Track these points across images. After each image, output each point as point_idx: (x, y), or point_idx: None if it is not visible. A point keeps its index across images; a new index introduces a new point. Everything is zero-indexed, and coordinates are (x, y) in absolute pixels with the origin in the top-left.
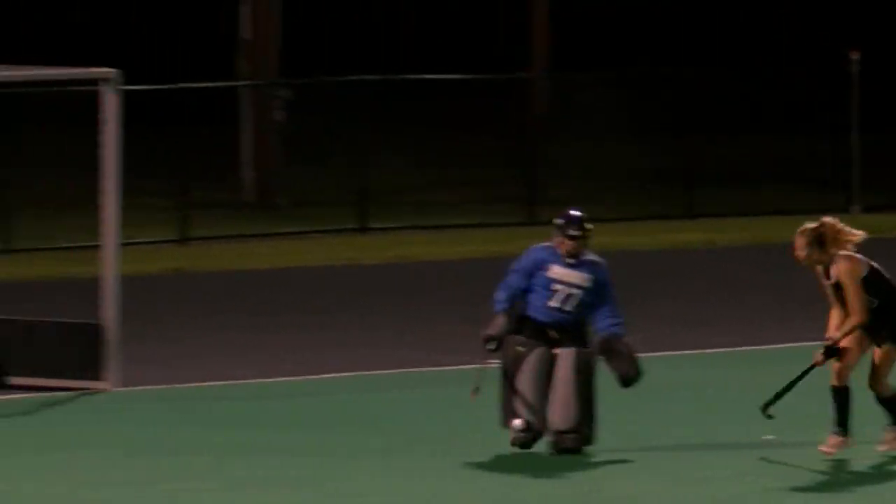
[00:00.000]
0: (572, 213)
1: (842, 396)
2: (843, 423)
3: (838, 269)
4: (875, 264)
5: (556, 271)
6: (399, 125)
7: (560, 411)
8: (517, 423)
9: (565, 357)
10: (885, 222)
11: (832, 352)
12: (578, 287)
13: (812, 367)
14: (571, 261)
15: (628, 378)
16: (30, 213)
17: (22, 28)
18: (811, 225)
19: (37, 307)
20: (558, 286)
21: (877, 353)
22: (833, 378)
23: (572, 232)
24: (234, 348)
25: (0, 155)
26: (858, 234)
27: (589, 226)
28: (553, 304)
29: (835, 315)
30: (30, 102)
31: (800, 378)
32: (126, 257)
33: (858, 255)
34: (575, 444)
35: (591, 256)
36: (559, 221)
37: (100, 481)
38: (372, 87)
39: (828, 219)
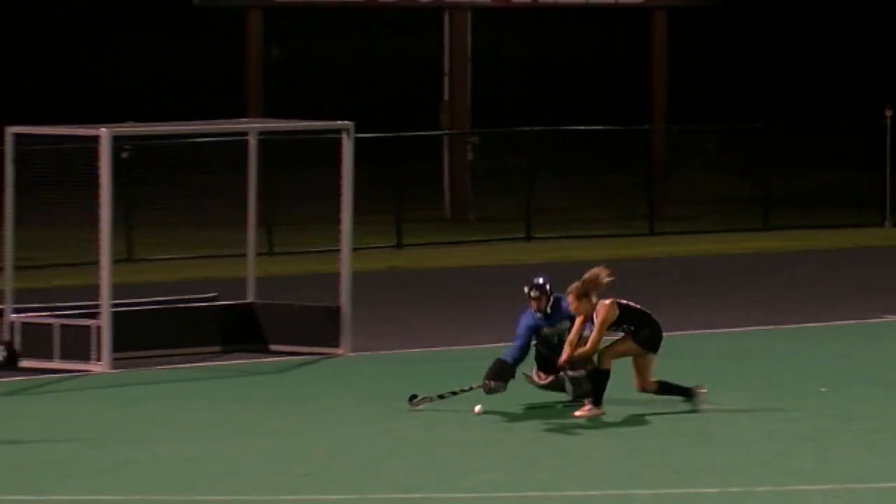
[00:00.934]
0: (533, 280)
1: (602, 377)
2: (598, 398)
3: (597, 312)
4: (622, 301)
5: (545, 331)
6: (556, 162)
7: None
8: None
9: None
10: None
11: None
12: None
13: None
14: (546, 315)
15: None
16: (288, 227)
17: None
18: (576, 283)
19: (294, 295)
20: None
21: (637, 361)
22: (600, 363)
23: (533, 294)
24: (433, 325)
25: (268, 184)
26: (608, 279)
27: (540, 291)
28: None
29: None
30: (293, 146)
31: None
32: (356, 259)
33: (609, 301)
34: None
35: (555, 304)
36: (526, 290)
37: (337, 423)
38: (537, 135)
39: (588, 274)
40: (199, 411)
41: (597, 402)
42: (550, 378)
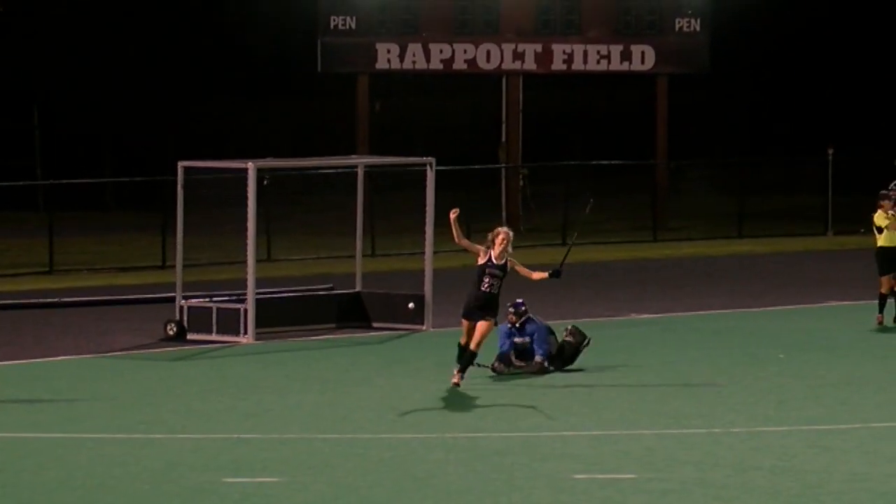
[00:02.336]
0: (515, 301)
1: (473, 356)
2: (464, 368)
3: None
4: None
5: (518, 340)
6: (586, 187)
7: None
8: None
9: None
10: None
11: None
12: (528, 340)
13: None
14: (517, 328)
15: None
16: (387, 235)
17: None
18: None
19: (391, 286)
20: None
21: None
22: (472, 345)
23: (511, 315)
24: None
25: (373, 204)
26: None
27: (516, 310)
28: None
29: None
30: (392, 176)
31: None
32: (436, 259)
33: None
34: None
35: (528, 320)
36: (509, 308)
37: (423, 380)
38: (572, 168)
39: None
40: (321, 371)
41: (464, 371)
42: (502, 367)
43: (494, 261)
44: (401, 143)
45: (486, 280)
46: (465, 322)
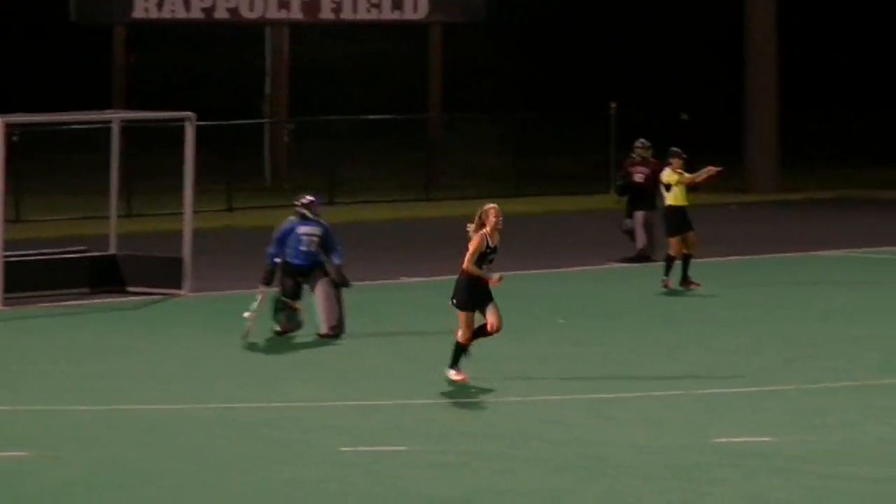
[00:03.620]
0: (306, 197)
1: (464, 350)
2: (457, 362)
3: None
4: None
5: (305, 230)
6: (355, 144)
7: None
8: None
9: (323, 283)
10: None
11: None
12: (317, 235)
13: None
14: (303, 218)
15: (343, 284)
16: (143, 195)
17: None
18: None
19: (147, 248)
20: (304, 237)
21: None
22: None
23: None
24: (255, 270)
25: (129, 161)
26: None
27: (308, 200)
28: (303, 248)
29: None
30: (148, 132)
31: None
32: (196, 219)
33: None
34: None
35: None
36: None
37: (181, 346)
38: (341, 123)
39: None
40: (75, 338)
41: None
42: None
43: (492, 243)
44: (161, 98)
45: (486, 268)
46: (469, 317)
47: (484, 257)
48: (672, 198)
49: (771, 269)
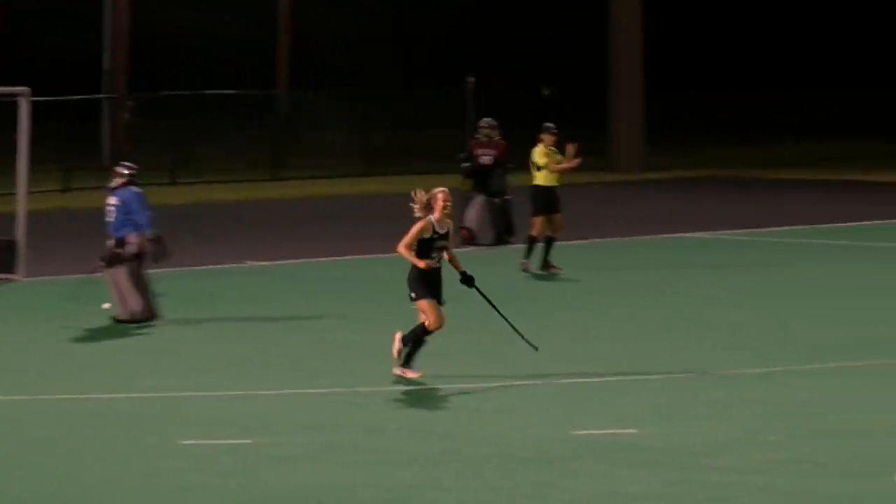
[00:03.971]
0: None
1: (420, 345)
2: (410, 359)
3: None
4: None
5: (108, 201)
6: (207, 126)
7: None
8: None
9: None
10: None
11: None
12: (113, 205)
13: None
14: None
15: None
16: None
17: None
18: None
19: None
20: (107, 209)
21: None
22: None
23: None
24: (93, 253)
25: None
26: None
27: (124, 170)
28: (109, 220)
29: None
30: None
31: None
32: (30, 200)
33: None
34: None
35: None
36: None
37: (13, 333)
38: (192, 100)
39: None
40: None
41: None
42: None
43: (439, 230)
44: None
45: (435, 255)
46: (433, 303)
47: (431, 244)
48: (542, 177)
49: (634, 252)
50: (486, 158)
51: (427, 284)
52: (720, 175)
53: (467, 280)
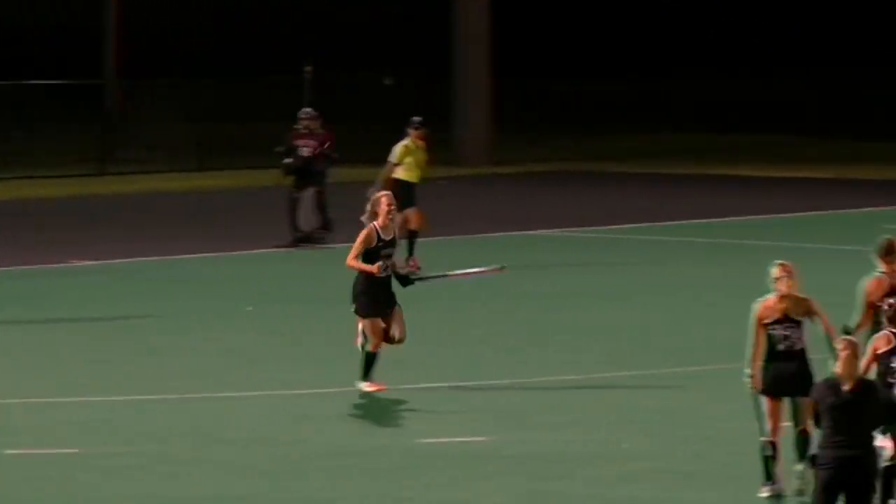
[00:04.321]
0: None
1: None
2: (368, 372)
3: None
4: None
5: None
6: (29, 118)
7: None
8: None
9: None
10: None
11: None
12: None
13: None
14: None
15: None
16: None
17: None
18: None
19: None
20: None
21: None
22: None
23: None
24: None
25: None
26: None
27: None
28: None
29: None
30: None
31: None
32: None
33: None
34: None
35: None
36: None
37: None
38: (11, 89)
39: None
40: None
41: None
42: None
43: (385, 237)
44: None
45: (382, 263)
46: (374, 322)
47: (376, 253)
48: (402, 171)
49: (472, 251)
50: (305, 150)
51: (371, 296)
52: (571, 169)
53: (405, 281)
